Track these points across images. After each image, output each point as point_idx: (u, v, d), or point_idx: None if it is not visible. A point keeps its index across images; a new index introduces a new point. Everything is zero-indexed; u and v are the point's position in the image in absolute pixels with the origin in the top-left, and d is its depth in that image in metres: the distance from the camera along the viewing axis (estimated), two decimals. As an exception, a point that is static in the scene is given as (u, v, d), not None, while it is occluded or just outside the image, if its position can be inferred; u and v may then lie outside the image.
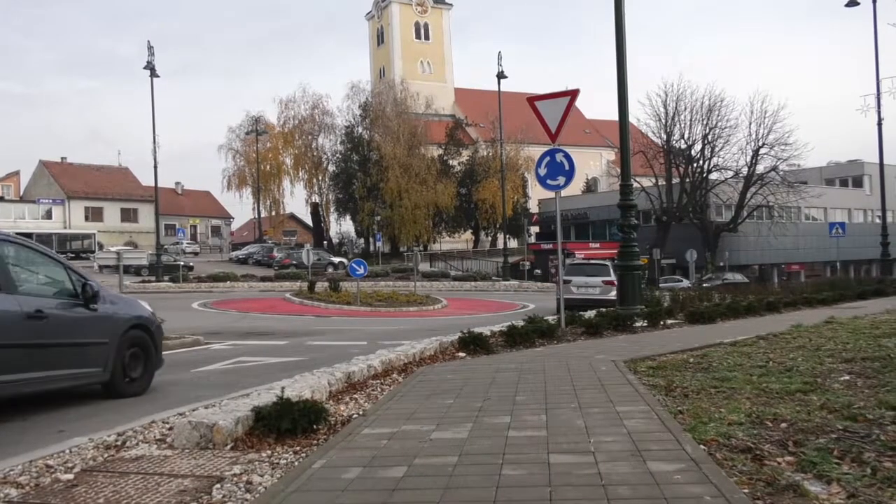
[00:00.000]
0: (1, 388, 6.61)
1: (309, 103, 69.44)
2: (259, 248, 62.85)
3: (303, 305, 27.77)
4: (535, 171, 13.31)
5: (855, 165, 70.05)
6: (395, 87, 69.13)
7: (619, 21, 14.58)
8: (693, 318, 14.14)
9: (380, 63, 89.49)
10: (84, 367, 7.68)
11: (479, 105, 73.70)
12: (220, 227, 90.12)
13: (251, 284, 39.55)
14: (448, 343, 10.34)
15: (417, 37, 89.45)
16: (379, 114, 65.94)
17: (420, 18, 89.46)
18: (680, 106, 52.13)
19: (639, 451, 4.50)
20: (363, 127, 68.31)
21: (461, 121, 75.82)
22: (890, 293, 23.44)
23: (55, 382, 7.33)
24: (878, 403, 5.70)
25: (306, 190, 72.06)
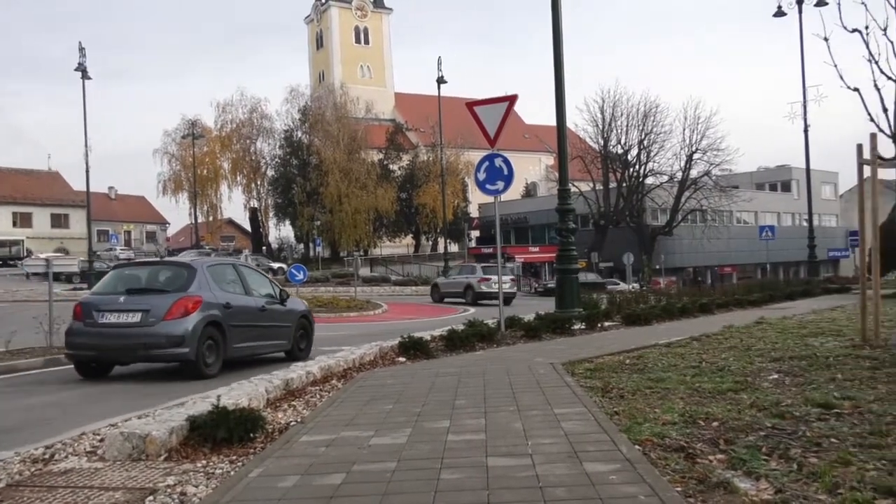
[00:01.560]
0: (242, 351, 10.70)
1: (247, 107, 68.66)
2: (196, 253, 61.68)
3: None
4: (474, 176, 13.38)
5: (783, 170, 72.29)
6: (335, 91, 68.71)
7: (557, 28, 14.77)
8: (630, 320, 14.39)
9: (319, 67, 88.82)
10: (280, 340, 11.63)
11: (420, 110, 73.82)
12: (156, 233, 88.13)
13: (188, 291, 38.62)
14: (388, 348, 10.32)
15: (357, 41, 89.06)
16: (318, 118, 65.45)
17: (360, 22, 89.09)
18: (616, 112, 53.13)
19: (576, 452, 4.56)
20: (303, 131, 67.73)
21: (401, 125, 75.83)
22: (817, 294, 24.25)
23: (266, 350, 11.42)
24: (805, 401, 5.89)
25: (245, 195, 71.17)
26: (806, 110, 31.47)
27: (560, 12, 14.80)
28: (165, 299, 9.86)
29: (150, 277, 10.82)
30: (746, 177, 67.60)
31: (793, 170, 68.03)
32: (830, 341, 10.02)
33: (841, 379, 6.94)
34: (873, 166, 9.48)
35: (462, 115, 13.70)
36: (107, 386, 9.40)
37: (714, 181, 52.72)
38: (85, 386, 9.44)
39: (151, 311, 9.71)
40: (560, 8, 14.80)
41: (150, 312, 9.70)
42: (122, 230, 78.59)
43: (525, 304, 29.63)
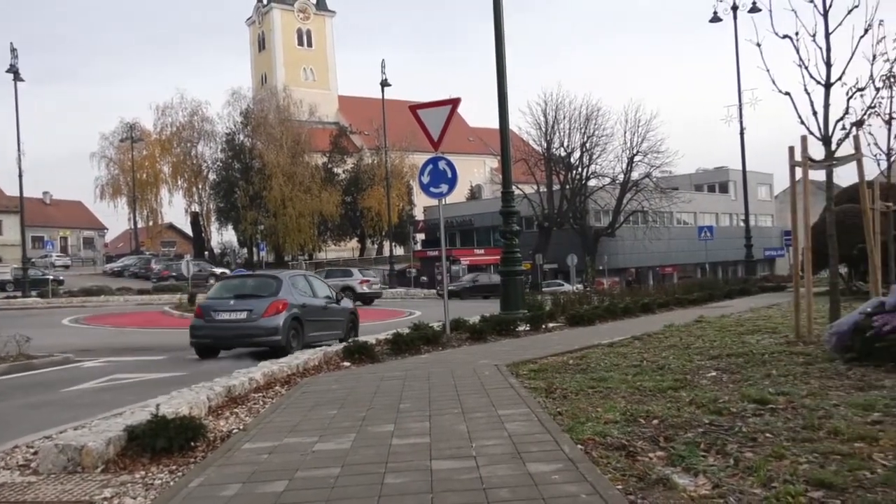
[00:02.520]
0: (313, 338, 13.65)
1: (187, 110, 67.45)
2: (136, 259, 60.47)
3: (183, 319, 26.74)
4: (418, 179, 13.39)
5: (721, 172, 73.95)
6: (278, 93, 67.99)
7: (499, 31, 14.87)
8: (573, 321, 14.55)
9: (261, 69, 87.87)
10: (337, 330, 14.77)
11: (364, 113, 73.58)
12: (94, 239, 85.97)
13: (127, 298, 37.94)
14: (333, 353, 10.26)
15: (300, 43, 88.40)
16: (261, 121, 64.67)
17: (302, 25, 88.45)
18: (559, 115, 53.69)
19: (519, 453, 4.60)
20: (245, 134, 66.85)
21: (346, 128, 75.45)
22: (754, 292, 24.90)
23: (328, 337, 14.18)
24: (741, 397, 6.04)
25: (186, 199, 69.87)
26: (741, 113, 32.35)
27: (502, 16, 14.91)
28: (263, 302, 13.30)
29: (250, 286, 14.51)
30: (686, 178, 68.97)
31: (730, 171, 69.62)
32: (766, 338, 10.29)
33: (776, 375, 7.14)
34: (804, 168, 9.78)
35: (407, 118, 13.71)
36: (42, 396, 9.14)
37: (654, 183, 53.69)
38: (18, 397, 9.15)
39: (254, 311, 13.17)
40: (502, 11, 14.90)
41: (253, 311, 13.17)
42: (57, 236, 76.40)
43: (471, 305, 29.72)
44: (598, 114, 53.44)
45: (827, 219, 10.55)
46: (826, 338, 8.44)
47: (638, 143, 53.05)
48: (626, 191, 53.91)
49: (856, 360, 7.47)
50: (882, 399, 5.73)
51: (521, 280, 15.40)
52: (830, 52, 9.53)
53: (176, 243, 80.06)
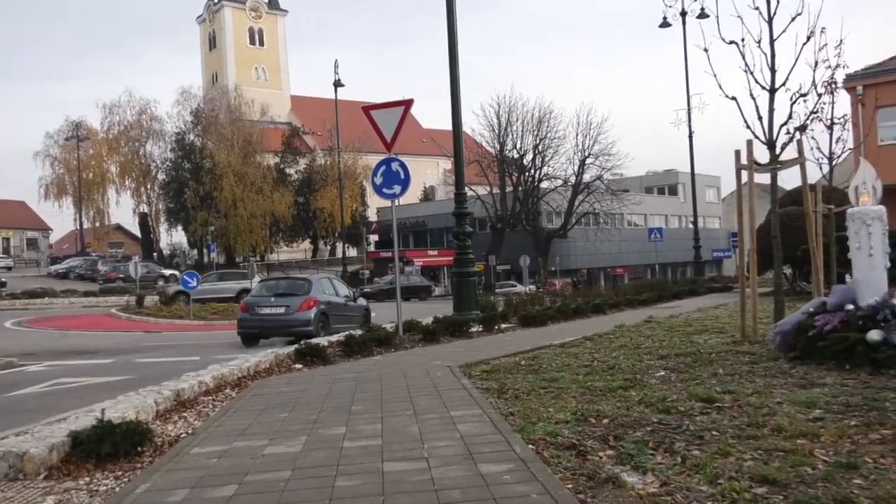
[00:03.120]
0: (337, 329, 15.09)
1: (136, 108, 66.19)
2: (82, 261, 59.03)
3: (130, 321, 26.36)
4: (371, 180, 13.35)
5: (670, 174, 75.18)
6: (229, 93, 67.06)
7: (452, 33, 14.90)
8: (526, 322, 14.64)
9: (212, 68, 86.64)
10: (353, 323, 16.66)
11: (317, 113, 73.05)
12: (38, 240, 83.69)
13: (73, 300, 37.11)
14: (284, 355, 10.15)
15: (252, 42, 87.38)
16: (212, 120, 63.76)
17: (254, 24, 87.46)
18: (512, 117, 54.09)
19: (471, 454, 4.61)
20: (195, 134, 65.85)
21: (298, 129, 74.75)
22: (702, 293, 25.34)
23: (348, 328, 14.11)
24: (689, 396, 6.15)
25: (134, 199, 68.54)
26: (690, 117, 32.88)
27: (455, 17, 14.94)
28: (297, 300, 16.45)
29: (286, 287, 17.75)
30: (636, 181, 69.96)
31: (679, 174, 70.80)
32: (713, 338, 10.48)
33: (722, 374, 7.28)
34: (750, 171, 9.99)
35: (360, 119, 13.66)
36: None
37: (606, 185, 54.40)
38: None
39: (290, 307, 16.27)
40: (455, 13, 14.94)
41: (290, 307, 16.27)
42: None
43: (423, 307, 29.72)
44: (550, 116, 54.05)
45: (771, 221, 10.79)
46: (770, 337, 8.63)
47: (589, 146, 53.76)
48: (577, 193, 54.49)
49: (799, 359, 7.66)
50: (823, 396, 5.88)
51: (474, 281, 15.47)
52: (775, 59, 9.77)
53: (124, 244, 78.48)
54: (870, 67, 27.16)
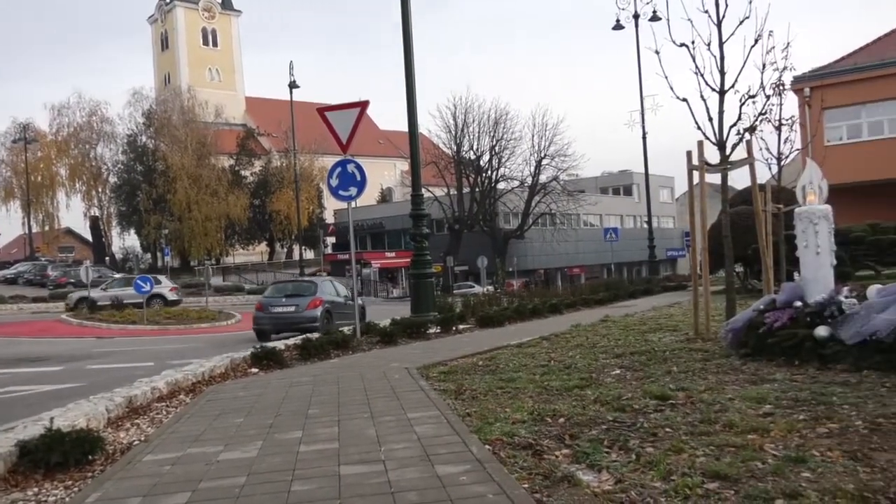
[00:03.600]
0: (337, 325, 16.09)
1: (86, 110, 64.91)
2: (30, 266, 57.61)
3: (82, 327, 25.84)
4: (327, 182, 13.29)
5: (625, 175, 76.14)
6: (182, 94, 66.18)
7: (407, 34, 14.89)
8: (483, 322, 14.69)
9: (165, 69, 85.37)
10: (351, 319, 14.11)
11: (273, 115, 72.36)
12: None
13: (21, 306, 36.27)
14: (240, 359, 10.04)
15: (205, 43, 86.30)
16: (164, 122, 62.85)
17: (207, 24, 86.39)
18: (469, 118, 54.23)
19: (428, 455, 4.61)
20: (148, 136, 64.86)
21: (253, 130, 74.01)
22: (656, 292, 25.71)
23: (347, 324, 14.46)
24: (643, 394, 6.22)
25: (85, 203, 67.13)
26: (644, 118, 33.33)
27: (410, 20, 14.93)
28: (306, 299, 19.09)
29: (294, 288, 20.46)
30: (592, 181, 70.69)
31: (633, 174, 71.75)
32: (668, 336, 10.63)
33: (676, 371, 7.39)
34: (701, 171, 10.16)
35: (316, 120, 13.56)
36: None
37: (562, 186, 54.85)
38: None
39: (300, 306, 18.92)
40: (410, 15, 14.93)
41: (299, 306, 18.90)
42: (-57, 242, 72.26)
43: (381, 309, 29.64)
44: (506, 117, 54.32)
45: (722, 220, 10.99)
46: (722, 334, 8.79)
47: (545, 147, 54.16)
48: (534, 193, 54.84)
49: (750, 356, 7.81)
50: (773, 392, 6.01)
51: (432, 283, 15.48)
52: (724, 61, 9.96)
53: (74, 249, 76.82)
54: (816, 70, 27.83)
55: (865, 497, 3.50)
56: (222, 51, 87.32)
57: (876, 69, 28.37)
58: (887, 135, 28.46)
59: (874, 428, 4.75)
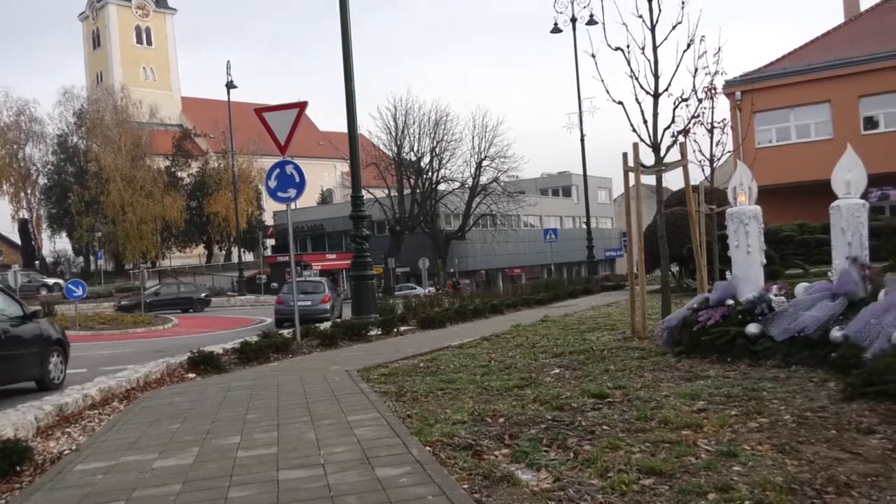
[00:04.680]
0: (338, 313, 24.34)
1: (13, 109, 62.51)
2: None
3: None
4: (265, 184, 13.14)
5: (564, 177, 77.00)
6: (115, 93, 64.46)
7: (346, 35, 14.82)
8: (425, 324, 14.70)
9: (97, 67, 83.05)
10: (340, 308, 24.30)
11: (210, 115, 71.06)
12: None
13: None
14: (176, 364, 9.85)
15: (139, 41, 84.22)
16: (97, 122, 61.13)
17: (141, 22, 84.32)
18: (409, 119, 54.26)
19: (368, 458, 4.59)
20: (79, 136, 63.02)
21: (190, 131, 72.59)
22: (595, 291, 26.05)
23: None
24: (581, 392, 6.31)
25: (13, 205, 64.68)
26: (582, 121, 33.75)
27: (349, 21, 14.87)
28: (319, 296, 24.77)
29: (309, 287, 25.63)
30: (532, 183, 71.29)
31: (572, 176, 72.58)
32: (605, 335, 10.79)
33: (614, 370, 7.51)
34: (636, 173, 10.35)
35: (254, 121, 13.38)
36: None
37: (502, 187, 55.21)
38: None
39: (314, 300, 24.08)
40: (349, 17, 14.86)
41: (314, 301, 23.95)
42: None
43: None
44: (446, 119, 54.52)
45: (658, 221, 11.21)
46: (658, 333, 8.97)
47: (486, 149, 54.48)
48: (475, 195, 55.10)
49: (685, 353, 7.98)
50: (706, 388, 6.15)
51: (373, 284, 15.43)
52: (658, 65, 10.16)
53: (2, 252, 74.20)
54: (747, 74, 28.62)
55: (793, 489, 3.61)
56: (157, 49, 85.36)
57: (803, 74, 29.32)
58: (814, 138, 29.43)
59: (802, 421, 4.91)
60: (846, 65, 28.74)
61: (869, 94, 28.50)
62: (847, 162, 8.13)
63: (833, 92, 28.80)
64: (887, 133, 27.89)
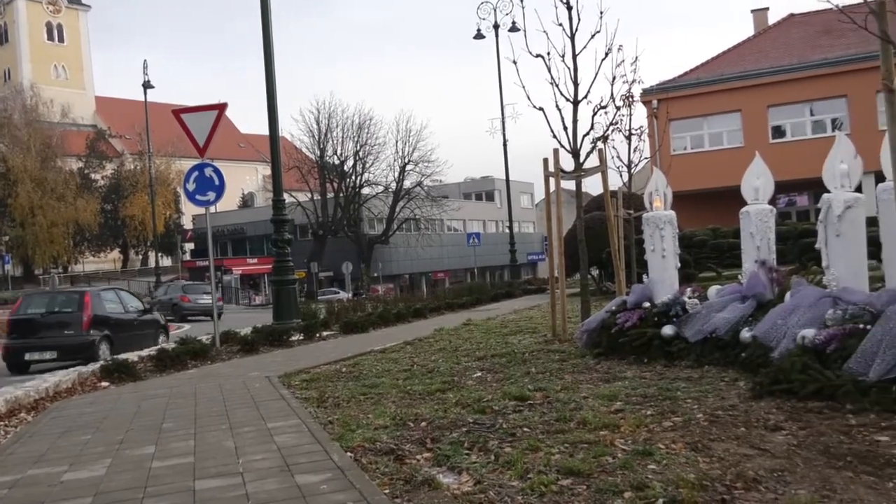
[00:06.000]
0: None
1: (-90, 107, 59.53)
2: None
3: None
4: (183, 187, 12.85)
5: (487, 181, 77.77)
6: (24, 91, 61.96)
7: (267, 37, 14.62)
8: (348, 329, 14.59)
9: (4, 64, 79.69)
10: None
11: (127, 116, 69.13)
12: None
13: None
14: (89, 373, 9.52)
15: (50, 38, 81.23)
16: (4, 121, 58.61)
17: (52, 18, 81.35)
18: (332, 123, 53.75)
19: (288, 465, 4.53)
20: (-16, 136, 60.30)
21: (104, 132, 70.40)
22: (518, 295, 26.32)
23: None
24: (503, 395, 6.37)
25: (-89, 207, 61.56)
26: (504, 126, 34.10)
27: (270, 20, 14.67)
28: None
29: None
30: (455, 187, 71.74)
31: (495, 180, 73.33)
32: (527, 338, 10.92)
33: (535, 372, 7.61)
34: (557, 178, 10.53)
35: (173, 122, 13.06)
36: None
37: (426, 191, 55.29)
38: None
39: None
40: (270, 18, 14.67)
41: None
42: None
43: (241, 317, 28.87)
44: (370, 123, 54.22)
45: (577, 226, 11.42)
46: (578, 335, 9.13)
47: (409, 153, 54.42)
48: (398, 199, 55.00)
49: (603, 355, 8.15)
50: (624, 389, 6.30)
51: (294, 289, 15.23)
52: (578, 72, 10.36)
53: None
54: (663, 83, 29.49)
55: (704, 485, 3.72)
56: (69, 47, 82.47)
57: (716, 84, 30.38)
58: (726, 145, 30.53)
59: (713, 420, 5.07)
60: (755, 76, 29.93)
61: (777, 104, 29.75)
62: (756, 169, 8.45)
63: (743, 102, 29.96)
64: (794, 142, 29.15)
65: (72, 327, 13.85)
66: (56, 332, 13.84)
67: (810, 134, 29.41)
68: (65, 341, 13.72)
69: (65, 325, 13.94)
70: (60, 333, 13.82)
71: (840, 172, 6.72)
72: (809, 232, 17.39)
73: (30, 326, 14.08)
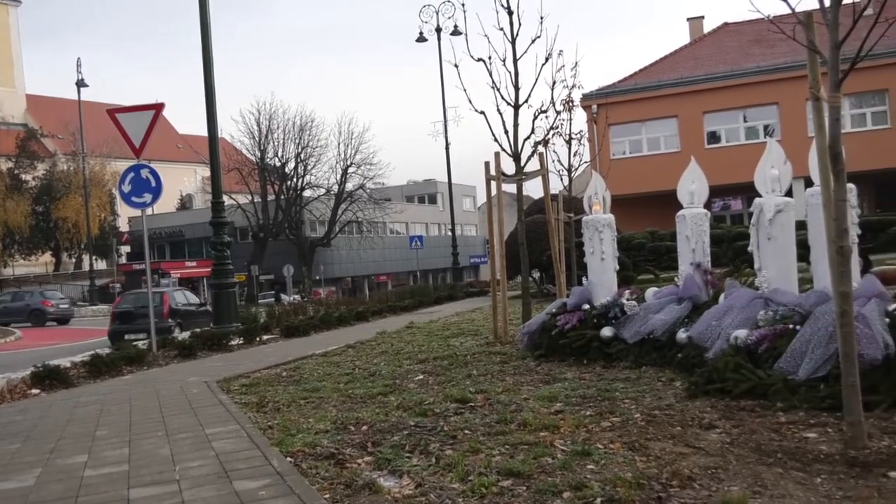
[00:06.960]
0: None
1: None
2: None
3: None
4: (119, 189, 12.56)
5: (430, 184, 77.86)
6: (-51, 89, 59.78)
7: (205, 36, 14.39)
8: (289, 332, 14.43)
9: (-73, 60, 76.71)
10: None
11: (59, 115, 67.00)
12: None
13: None
14: (18, 380, 9.21)
15: (-23, 33, 78.44)
16: (-73, 119, 56.48)
17: (-20, 13, 78.58)
18: (273, 124, 53.06)
19: (226, 472, 4.46)
20: None
21: (35, 131, 68.15)
22: (460, 297, 26.41)
23: None
24: (444, 398, 6.39)
25: None
26: (446, 129, 34.17)
27: (209, 19, 14.44)
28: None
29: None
30: (398, 190, 71.61)
31: (438, 183, 73.43)
32: (469, 341, 10.97)
33: (476, 374, 7.65)
34: (498, 181, 10.61)
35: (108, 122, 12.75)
36: None
37: (368, 194, 55.06)
38: None
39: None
40: (208, 14, 14.44)
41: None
42: None
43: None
44: (312, 125, 53.70)
45: (518, 229, 11.53)
46: (519, 337, 9.21)
47: (352, 155, 54.09)
48: (340, 201, 54.62)
49: (544, 357, 8.25)
50: (564, 390, 6.38)
51: (234, 293, 15.00)
52: (518, 77, 10.48)
53: None
54: (602, 88, 29.95)
55: (641, 484, 3.80)
56: (-2, 43, 79.79)
57: (653, 90, 31.03)
58: (663, 150, 31.19)
59: (650, 419, 5.17)
60: (691, 83, 30.66)
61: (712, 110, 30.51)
62: (691, 174, 8.64)
63: (680, 108, 30.67)
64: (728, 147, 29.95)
65: (156, 316, 15.56)
66: (146, 320, 15.20)
67: (744, 140, 30.28)
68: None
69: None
70: (149, 321, 15.08)
71: (771, 177, 6.92)
72: (743, 235, 17.91)
73: (128, 316, 20.66)
